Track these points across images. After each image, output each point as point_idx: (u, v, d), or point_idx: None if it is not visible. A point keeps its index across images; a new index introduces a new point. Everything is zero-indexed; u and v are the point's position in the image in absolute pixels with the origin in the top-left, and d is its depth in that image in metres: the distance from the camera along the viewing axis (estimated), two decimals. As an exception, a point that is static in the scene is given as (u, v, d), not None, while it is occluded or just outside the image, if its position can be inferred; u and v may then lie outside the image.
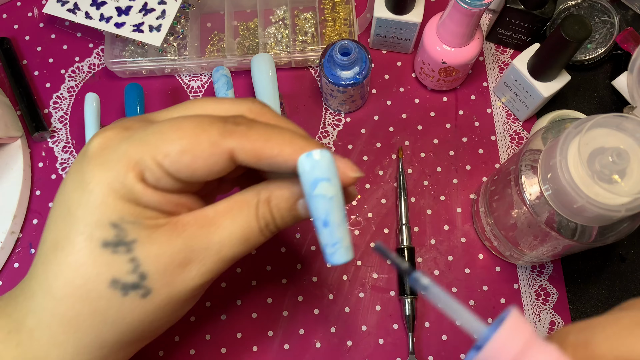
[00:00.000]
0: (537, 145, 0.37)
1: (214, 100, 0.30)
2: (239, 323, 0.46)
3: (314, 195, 0.25)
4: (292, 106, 0.51)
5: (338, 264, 0.27)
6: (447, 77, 0.48)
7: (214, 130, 0.26)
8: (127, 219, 0.26)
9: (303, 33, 0.52)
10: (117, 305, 0.27)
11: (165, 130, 0.26)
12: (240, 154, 0.27)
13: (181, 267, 0.28)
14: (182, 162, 0.26)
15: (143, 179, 0.27)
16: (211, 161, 0.26)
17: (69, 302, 0.27)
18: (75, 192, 0.27)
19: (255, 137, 0.27)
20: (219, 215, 0.28)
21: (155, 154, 0.26)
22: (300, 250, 0.47)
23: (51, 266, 0.27)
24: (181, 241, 0.27)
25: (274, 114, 0.30)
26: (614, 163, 0.31)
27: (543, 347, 0.20)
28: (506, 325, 0.20)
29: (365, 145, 0.50)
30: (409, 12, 0.48)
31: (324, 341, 0.45)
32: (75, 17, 0.50)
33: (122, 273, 0.26)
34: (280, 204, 0.29)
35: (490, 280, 0.47)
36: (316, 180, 0.25)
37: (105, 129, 0.28)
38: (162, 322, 0.30)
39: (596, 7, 0.51)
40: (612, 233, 0.36)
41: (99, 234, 0.26)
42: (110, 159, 0.26)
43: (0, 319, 0.29)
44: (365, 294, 0.46)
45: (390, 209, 0.48)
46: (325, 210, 0.26)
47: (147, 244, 0.27)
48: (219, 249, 0.28)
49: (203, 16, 0.54)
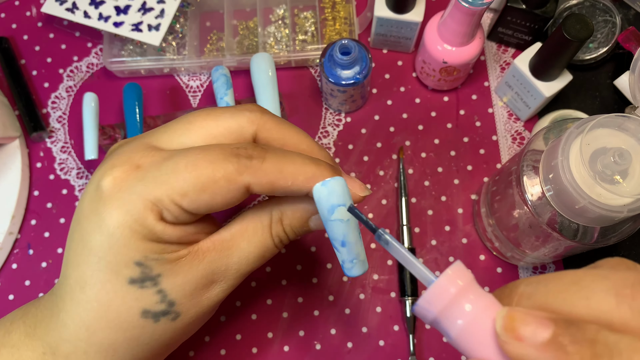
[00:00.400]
0: (539, 145, 0.37)
1: (213, 117, 0.30)
2: (238, 325, 0.45)
3: (331, 220, 0.28)
4: (292, 106, 0.51)
5: (356, 276, 0.29)
6: (448, 76, 0.48)
7: (229, 167, 0.27)
8: (151, 257, 0.28)
9: (303, 32, 0.52)
10: (150, 331, 0.29)
11: (180, 169, 0.27)
12: (255, 188, 0.28)
13: (205, 288, 0.30)
14: (200, 200, 0.27)
15: (162, 218, 0.27)
16: (229, 196, 0.27)
17: (104, 333, 0.28)
18: (95, 235, 0.27)
19: (269, 169, 0.27)
20: (235, 237, 0.30)
21: (171, 194, 0.27)
22: (300, 252, 0.47)
23: (80, 303, 0.28)
24: (203, 267, 0.29)
25: (274, 121, 0.30)
26: (616, 163, 0.31)
27: (479, 292, 0.22)
28: (447, 273, 0.22)
29: (365, 145, 0.50)
30: (409, 11, 0.48)
31: (324, 343, 0.45)
32: (73, 16, 0.50)
33: (151, 304, 0.28)
34: (293, 222, 0.31)
35: (491, 281, 0.46)
36: (332, 207, 0.27)
37: (112, 166, 0.28)
38: (190, 334, 0.32)
39: (598, 7, 0.50)
40: (614, 234, 0.36)
41: (125, 273, 0.27)
42: (128, 201, 0.27)
43: (33, 340, 0.29)
44: (365, 296, 0.46)
45: (390, 210, 0.48)
46: (343, 232, 0.28)
47: (172, 276, 0.28)
48: (238, 268, 0.30)
49: (202, 15, 0.53)
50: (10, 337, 0.30)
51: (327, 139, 0.50)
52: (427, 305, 0.22)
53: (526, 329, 0.20)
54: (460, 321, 0.22)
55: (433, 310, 0.22)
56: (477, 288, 0.22)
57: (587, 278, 0.20)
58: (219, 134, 0.29)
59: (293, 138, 0.31)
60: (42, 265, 0.47)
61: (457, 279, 0.22)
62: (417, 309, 0.23)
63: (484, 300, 0.22)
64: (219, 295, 0.30)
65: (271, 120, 0.30)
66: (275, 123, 0.30)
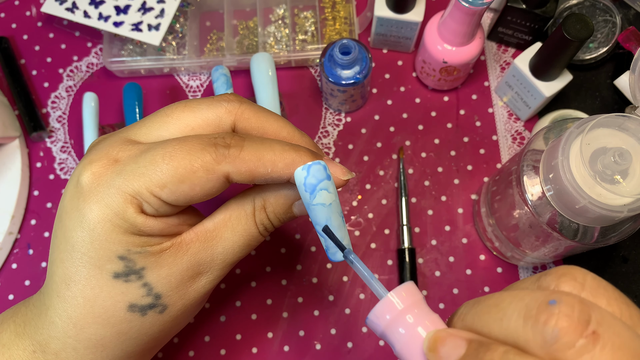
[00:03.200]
0: (539, 145, 0.37)
1: (190, 109, 0.29)
2: (238, 324, 0.45)
3: (313, 205, 0.27)
4: (292, 106, 0.51)
5: (340, 261, 0.29)
6: (448, 76, 0.48)
7: (206, 157, 0.27)
8: (134, 250, 0.27)
9: (303, 32, 0.52)
10: (138, 325, 0.29)
11: (158, 161, 0.27)
12: (235, 176, 0.27)
13: (192, 279, 0.29)
14: (179, 191, 0.27)
15: (142, 211, 0.27)
16: (208, 186, 0.27)
17: (92, 328, 0.28)
18: (77, 231, 0.27)
19: (248, 157, 0.27)
20: (218, 227, 0.30)
21: (150, 186, 0.27)
22: (299, 251, 0.47)
23: (67, 299, 0.28)
24: (187, 259, 0.29)
25: (253, 110, 0.30)
26: (616, 163, 0.31)
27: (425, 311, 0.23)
28: (396, 290, 0.24)
29: (365, 145, 0.50)
30: (409, 11, 0.48)
31: (324, 343, 0.45)
32: (73, 16, 0.49)
33: (137, 298, 0.28)
34: (276, 209, 0.30)
35: (491, 281, 0.46)
36: (314, 191, 0.27)
37: (91, 161, 0.28)
38: (181, 325, 0.32)
39: (598, 6, 0.50)
40: (614, 234, 0.36)
41: (109, 267, 0.27)
42: (107, 195, 0.27)
43: (23, 339, 0.30)
44: (365, 295, 0.46)
45: (390, 210, 0.48)
46: (326, 217, 0.27)
47: (156, 268, 0.28)
48: (224, 258, 0.30)
49: (202, 15, 0.53)
50: (0, 337, 0.30)
51: (327, 138, 0.50)
52: (375, 319, 0.24)
53: (443, 348, 0.22)
54: (402, 335, 0.23)
55: (380, 324, 0.24)
56: (424, 307, 0.24)
57: (506, 300, 0.21)
58: (197, 125, 0.29)
59: (273, 126, 0.31)
60: (42, 265, 0.47)
61: (406, 297, 0.23)
62: (367, 322, 0.24)
63: (427, 318, 0.23)
64: (206, 287, 0.30)
65: (249, 109, 0.30)
66: (253, 112, 0.30)
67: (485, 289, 0.46)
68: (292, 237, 0.47)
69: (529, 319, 0.20)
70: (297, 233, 0.47)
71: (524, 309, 0.20)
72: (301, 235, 0.47)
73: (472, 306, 0.23)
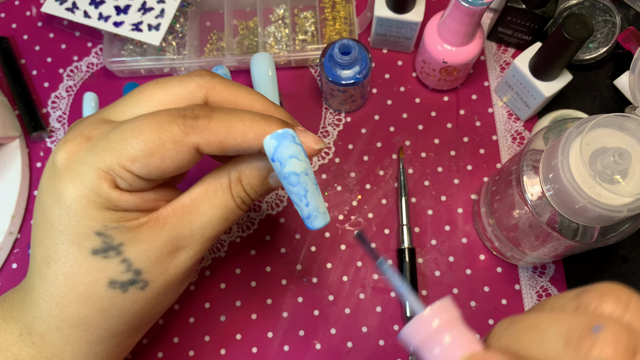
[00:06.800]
0: (539, 145, 0.37)
1: (162, 85, 0.30)
2: (238, 324, 0.45)
3: (284, 174, 0.27)
4: (292, 106, 0.51)
5: (318, 229, 0.29)
6: (448, 76, 0.48)
7: (175, 128, 0.27)
8: (110, 225, 0.28)
9: (303, 32, 0.52)
10: (120, 302, 0.29)
11: (127, 135, 0.27)
12: (205, 148, 0.27)
13: (171, 255, 0.29)
14: (150, 165, 0.27)
15: (117, 186, 0.28)
16: (179, 158, 0.27)
17: (74, 307, 0.28)
18: (54, 209, 0.27)
19: (217, 128, 0.27)
20: (195, 202, 0.30)
21: (121, 161, 0.27)
22: (300, 251, 0.47)
23: (48, 278, 0.28)
24: (165, 234, 0.29)
25: (224, 83, 0.30)
26: (616, 163, 0.31)
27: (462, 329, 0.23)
28: (433, 307, 0.23)
29: (365, 145, 0.50)
30: (409, 11, 0.48)
31: (324, 342, 0.45)
32: (73, 16, 0.50)
33: (117, 274, 0.28)
34: (252, 181, 0.30)
35: (491, 281, 0.46)
36: (284, 159, 0.27)
37: (66, 141, 0.28)
38: (165, 303, 0.32)
39: (598, 6, 0.50)
40: (614, 234, 0.36)
41: (86, 244, 0.27)
42: (80, 172, 0.27)
43: (9, 323, 0.30)
44: (365, 295, 0.46)
45: (390, 210, 0.48)
46: (299, 185, 0.27)
47: (134, 243, 0.28)
48: (203, 233, 0.30)
49: (202, 15, 0.53)
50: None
51: (327, 138, 0.50)
52: (409, 334, 0.23)
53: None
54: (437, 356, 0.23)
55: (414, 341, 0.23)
56: (461, 326, 0.23)
57: (545, 321, 0.21)
58: (169, 100, 0.29)
59: (245, 99, 0.30)
60: (42, 265, 0.47)
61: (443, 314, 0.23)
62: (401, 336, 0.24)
63: (464, 337, 0.23)
64: (186, 262, 0.30)
65: (221, 83, 0.30)
66: (225, 85, 0.30)
67: (485, 289, 0.46)
68: (292, 237, 0.47)
69: (570, 344, 0.19)
70: (298, 233, 0.47)
71: (564, 333, 0.19)
72: (301, 235, 0.47)
73: (507, 326, 0.22)
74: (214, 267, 0.47)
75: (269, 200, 0.48)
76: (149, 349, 0.45)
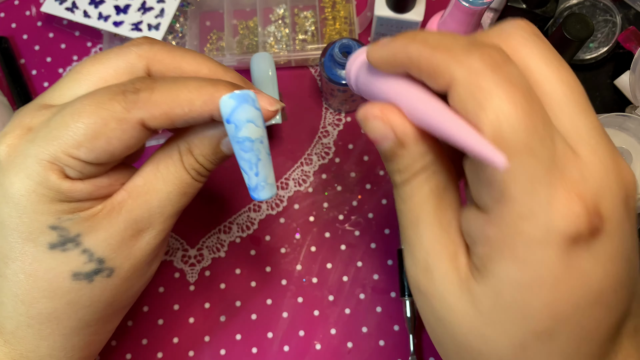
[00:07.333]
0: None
1: (99, 60, 0.28)
2: (238, 325, 0.45)
3: (239, 138, 0.26)
4: (292, 106, 0.51)
5: (263, 200, 0.27)
6: (448, 76, 0.48)
7: (116, 106, 0.25)
8: (64, 217, 0.26)
9: (303, 32, 0.52)
10: (88, 292, 0.28)
11: (68, 121, 0.25)
12: (151, 122, 0.26)
13: (133, 238, 0.29)
14: (97, 148, 0.26)
15: (66, 176, 0.26)
16: (125, 137, 0.26)
17: (41, 303, 0.27)
18: (2, 207, 0.26)
19: (160, 99, 0.26)
20: (149, 181, 0.29)
21: (65, 148, 0.25)
22: (300, 251, 0.47)
23: (9, 278, 0.27)
24: (123, 218, 0.28)
25: (166, 50, 0.29)
26: (617, 163, 0.31)
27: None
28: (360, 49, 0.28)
29: (365, 145, 0.50)
30: (410, 11, 0.47)
31: (324, 343, 0.45)
32: (73, 15, 0.49)
33: (79, 265, 0.27)
34: (203, 150, 0.29)
35: (491, 281, 0.46)
36: (241, 122, 0.25)
37: (5, 134, 0.27)
38: (137, 287, 0.31)
39: (598, 6, 0.50)
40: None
41: (42, 239, 0.26)
42: (25, 166, 0.26)
43: None
44: (365, 295, 0.46)
45: (391, 210, 0.48)
46: (250, 152, 0.26)
47: (92, 233, 0.27)
48: (162, 211, 0.29)
49: (202, 15, 0.53)
50: None
51: (327, 138, 0.50)
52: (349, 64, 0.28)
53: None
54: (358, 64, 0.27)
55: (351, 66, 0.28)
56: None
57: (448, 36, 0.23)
58: (109, 76, 0.28)
59: (191, 64, 0.29)
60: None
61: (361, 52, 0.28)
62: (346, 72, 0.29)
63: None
64: (150, 243, 0.29)
65: (162, 50, 0.29)
66: (167, 52, 0.29)
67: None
68: (292, 237, 0.47)
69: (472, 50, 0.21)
70: (298, 233, 0.47)
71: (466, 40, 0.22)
72: (301, 236, 0.47)
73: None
74: (214, 267, 0.47)
75: (269, 201, 0.48)
76: (149, 349, 0.45)
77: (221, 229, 0.47)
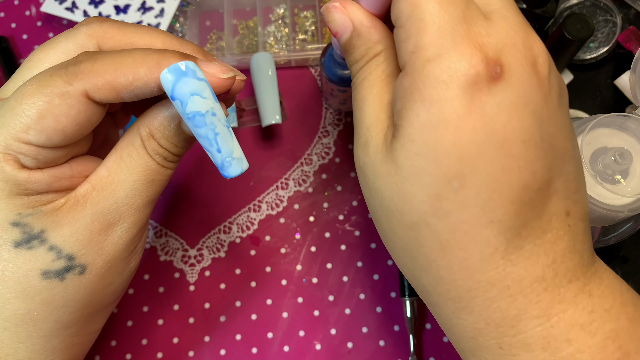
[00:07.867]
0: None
1: (49, 46, 0.28)
2: (238, 325, 0.45)
3: (187, 114, 0.24)
4: (292, 105, 0.51)
5: (234, 176, 0.26)
6: (448, 76, 0.48)
7: (57, 80, 0.24)
8: (25, 212, 0.25)
9: (303, 31, 0.52)
10: (61, 291, 0.27)
11: (13, 105, 0.25)
12: (95, 93, 0.25)
13: (103, 232, 0.27)
14: (46, 128, 0.24)
15: (23, 166, 0.25)
16: (73, 113, 0.25)
17: (14, 304, 0.27)
18: None
19: (103, 68, 0.25)
20: (112, 171, 0.27)
21: (15, 133, 0.24)
22: (300, 251, 0.47)
23: None
24: (89, 212, 0.27)
25: (117, 26, 0.28)
26: (617, 163, 0.31)
27: None
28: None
29: (365, 145, 0.50)
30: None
31: (324, 343, 0.45)
32: (73, 15, 0.49)
33: (48, 263, 0.26)
34: (165, 133, 0.27)
35: (491, 281, 0.46)
36: (185, 97, 0.24)
37: None
38: (116, 284, 0.30)
39: (598, 6, 0.50)
40: (614, 234, 0.36)
41: (5, 238, 0.26)
42: None
43: None
44: (366, 296, 0.46)
45: (390, 209, 0.48)
46: (206, 127, 0.25)
47: (57, 228, 0.26)
48: (131, 202, 0.28)
49: (202, 14, 0.53)
50: None
51: (327, 138, 0.50)
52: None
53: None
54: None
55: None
56: None
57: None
58: (60, 60, 0.27)
59: (143, 38, 0.28)
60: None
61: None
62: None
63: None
64: (123, 237, 0.28)
65: (113, 27, 0.28)
66: (117, 28, 0.28)
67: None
68: (292, 237, 0.47)
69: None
70: (298, 233, 0.47)
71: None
72: (301, 236, 0.47)
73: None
74: (214, 267, 0.47)
75: (269, 201, 0.48)
76: (149, 349, 0.45)
77: (221, 229, 0.47)
